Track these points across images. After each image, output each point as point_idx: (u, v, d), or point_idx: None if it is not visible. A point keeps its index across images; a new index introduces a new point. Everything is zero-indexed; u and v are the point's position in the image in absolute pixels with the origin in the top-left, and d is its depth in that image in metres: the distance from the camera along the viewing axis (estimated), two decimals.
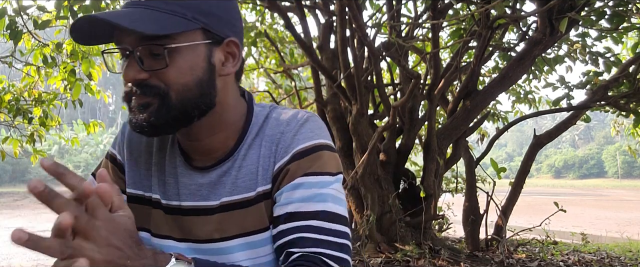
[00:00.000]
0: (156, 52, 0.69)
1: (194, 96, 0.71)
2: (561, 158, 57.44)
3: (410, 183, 4.17)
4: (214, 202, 0.78)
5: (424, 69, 4.84)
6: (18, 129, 4.52)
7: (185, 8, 0.70)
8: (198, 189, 0.79)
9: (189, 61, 0.71)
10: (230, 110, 0.79)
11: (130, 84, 0.71)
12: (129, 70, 0.70)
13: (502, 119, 5.30)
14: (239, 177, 0.78)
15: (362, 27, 3.54)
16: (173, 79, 0.70)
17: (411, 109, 3.96)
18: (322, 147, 0.77)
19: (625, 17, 3.45)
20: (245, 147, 0.79)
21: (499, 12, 3.20)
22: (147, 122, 0.70)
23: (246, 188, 0.77)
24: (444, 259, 3.45)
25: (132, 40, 0.69)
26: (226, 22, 0.75)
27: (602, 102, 4.00)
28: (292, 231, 0.72)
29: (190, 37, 0.71)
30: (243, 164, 0.78)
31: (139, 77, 0.70)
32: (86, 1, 3.13)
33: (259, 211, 0.77)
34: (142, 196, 0.83)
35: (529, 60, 3.74)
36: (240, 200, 0.77)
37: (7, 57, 4.03)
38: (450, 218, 4.69)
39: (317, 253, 0.70)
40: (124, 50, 0.71)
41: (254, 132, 0.80)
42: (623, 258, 4.44)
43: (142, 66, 0.69)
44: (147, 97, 0.70)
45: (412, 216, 3.91)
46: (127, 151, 0.86)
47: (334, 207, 0.73)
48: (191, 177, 0.80)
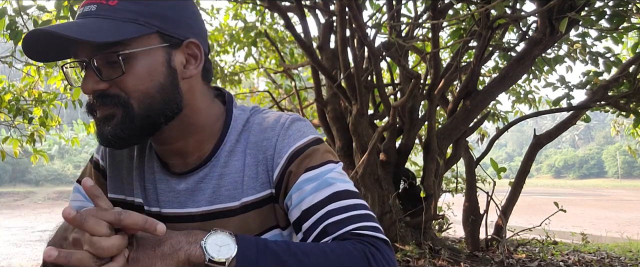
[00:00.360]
0: (113, 60, 0.67)
1: (157, 102, 0.70)
2: (561, 158, 57.44)
3: (410, 183, 4.17)
4: (194, 209, 0.76)
5: (424, 69, 4.84)
6: (18, 129, 4.52)
7: (137, 14, 0.68)
8: (176, 195, 0.77)
9: (146, 67, 0.69)
10: (201, 113, 0.76)
11: (91, 96, 0.69)
12: (87, 82, 0.68)
13: (502, 119, 5.30)
14: (221, 186, 0.76)
15: (362, 27, 3.54)
16: (132, 86, 0.68)
17: (411, 109, 3.96)
18: (316, 141, 0.77)
19: (625, 17, 3.45)
20: (224, 153, 0.77)
21: (499, 12, 3.20)
22: (113, 134, 0.69)
23: (229, 197, 0.75)
24: (444, 259, 3.45)
25: (87, 51, 0.68)
26: (182, 23, 0.73)
27: (602, 102, 4.00)
28: (315, 225, 0.70)
29: (146, 42, 0.69)
30: (225, 172, 0.76)
31: (98, 88, 0.68)
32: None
33: (242, 221, 0.75)
34: (123, 200, 0.82)
35: (529, 60, 3.74)
36: (222, 209, 0.75)
37: (7, 57, 4.04)
38: (450, 218, 4.69)
39: (345, 232, 0.68)
40: (82, 62, 0.69)
41: (234, 137, 0.78)
42: (623, 258, 4.44)
43: (100, 76, 0.68)
44: (109, 108, 0.69)
45: (412, 216, 3.91)
46: (109, 156, 0.85)
47: (343, 185, 0.72)
48: (168, 184, 0.78)
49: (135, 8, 0.68)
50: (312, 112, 5.72)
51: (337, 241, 0.67)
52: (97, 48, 0.67)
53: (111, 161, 0.85)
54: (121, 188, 0.83)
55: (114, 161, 0.85)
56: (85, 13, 0.68)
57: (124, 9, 0.68)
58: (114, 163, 0.85)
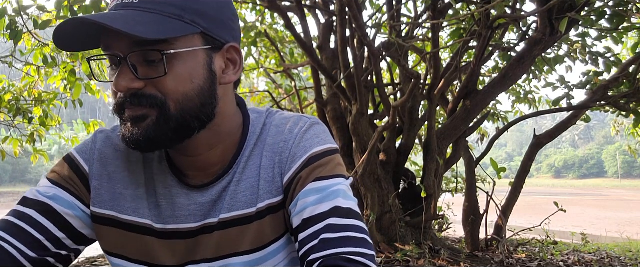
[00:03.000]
0: (152, 59, 0.63)
1: (195, 106, 0.66)
2: (561, 158, 57.43)
3: (410, 183, 4.17)
4: (214, 219, 0.72)
5: (424, 69, 4.84)
6: (18, 129, 4.52)
7: (183, 10, 0.64)
8: (198, 209, 0.73)
9: (188, 68, 0.65)
10: (228, 121, 0.73)
11: (123, 95, 0.64)
12: (121, 79, 0.62)
13: (502, 119, 5.30)
14: (238, 192, 0.73)
15: (362, 27, 3.54)
16: (172, 88, 0.63)
17: (411, 109, 3.96)
18: (332, 152, 0.74)
19: (625, 17, 3.45)
20: (244, 159, 0.74)
21: (499, 12, 3.20)
22: (144, 136, 0.64)
23: (246, 203, 0.72)
24: (444, 259, 3.45)
25: (124, 46, 0.62)
26: (226, 26, 0.70)
27: (602, 102, 4.00)
28: (312, 237, 0.67)
29: (189, 42, 0.65)
30: (242, 178, 0.73)
31: (134, 87, 0.63)
32: (86, 1, 3.13)
33: (260, 227, 0.72)
34: (115, 217, 0.73)
35: (529, 60, 3.74)
36: (239, 217, 0.72)
37: (7, 57, 4.04)
38: (450, 218, 4.69)
39: (339, 254, 0.64)
40: (115, 56, 0.64)
41: (253, 142, 0.75)
42: (623, 258, 4.44)
43: (136, 74, 0.63)
44: (143, 109, 0.64)
45: (412, 216, 3.91)
46: (99, 164, 0.75)
47: (346, 202, 0.69)
48: (190, 197, 0.73)
49: (181, 4, 0.64)
50: (312, 112, 5.72)
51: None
52: (136, 44, 0.62)
53: (101, 171, 0.75)
54: (113, 204, 0.74)
55: (105, 172, 0.75)
56: (126, 4, 0.63)
57: (168, 4, 0.63)
58: (105, 174, 0.75)
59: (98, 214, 0.74)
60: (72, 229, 0.72)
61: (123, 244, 0.74)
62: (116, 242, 0.74)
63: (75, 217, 0.72)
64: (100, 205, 0.74)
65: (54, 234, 0.70)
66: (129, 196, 0.74)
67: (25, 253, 0.67)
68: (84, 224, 0.73)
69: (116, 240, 0.73)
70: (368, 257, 0.65)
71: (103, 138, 0.78)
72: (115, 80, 0.63)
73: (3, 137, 4.47)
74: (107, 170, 0.75)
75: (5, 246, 0.66)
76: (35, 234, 0.68)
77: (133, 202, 0.74)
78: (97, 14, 0.62)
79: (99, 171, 0.75)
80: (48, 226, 0.69)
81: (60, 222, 0.70)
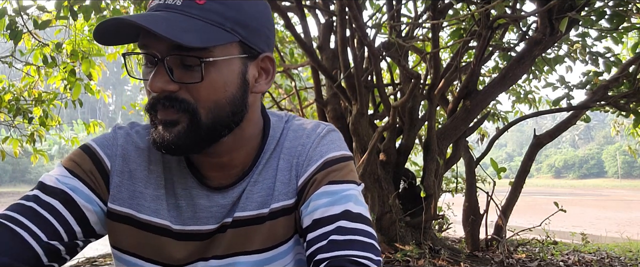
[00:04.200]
0: (189, 64, 0.63)
1: (226, 115, 0.66)
2: (561, 158, 57.44)
3: (410, 183, 4.17)
4: (229, 219, 0.74)
5: (424, 69, 4.84)
6: (18, 128, 4.52)
7: (225, 19, 0.64)
8: (219, 210, 0.74)
9: (223, 76, 0.65)
10: (252, 126, 0.74)
11: (156, 95, 0.64)
12: (156, 80, 0.63)
13: (502, 119, 5.31)
14: (253, 192, 0.74)
15: (362, 27, 3.54)
16: (205, 95, 0.64)
17: (411, 109, 3.96)
18: (347, 158, 0.76)
19: (625, 17, 3.45)
20: (263, 162, 0.76)
21: (499, 12, 3.20)
22: (175, 142, 0.64)
23: (260, 204, 0.74)
24: (444, 259, 3.45)
25: (162, 48, 0.63)
26: (262, 36, 0.69)
27: (602, 102, 4.00)
28: (321, 237, 0.68)
29: (227, 50, 0.65)
30: (259, 179, 0.75)
31: (168, 89, 0.63)
32: (86, 1, 3.13)
33: (271, 228, 0.73)
34: (132, 216, 0.73)
35: (529, 60, 3.74)
36: (252, 216, 0.73)
37: (7, 57, 4.04)
38: (450, 218, 4.69)
39: (346, 256, 0.65)
40: (152, 56, 0.64)
41: (272, 146, 0.76)
42: (623, 258, 4.44)
43: (172, 77, 0.63)
44: (175, 113, 0.64)
45: (412, 216, 3.91)
46: (121, 161, 0.75)
47: (356, 207, 0.70)
48: (210, 199, 0.74)
49: (222, 11, 0.64)
50: (312, 112, 5.72)
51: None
52: (175, 47, 0.62)
53: (123, 168, 0.74)
54: (132, 203, 0.74)
55: (126, 169, 0.75)
56: (168, 5, 0.63)
57: (211, 10, 0.63)
58: (126, 172, 0.74)
59: (115, 211, 0.73)
60: (87, 223, 0.71)
61: (137, 243, 0.73)
62: (130, 240, 0.74)
63: (92, 211, 0.71)
64: (119, 202, 0.73)
65: (71, 225, 0.69)
66: (148, 195, 0.74)
67: (39, 238, 0.66)
68: (97, 219, 0.73)
69: (130, 238, 0.73)
70: (375, 262, 0.66)
71: (124, 135, 0.77)
72: (150, 80, 0.63)
73: (3, 137, 4.47)
74: (129, 167, 0.74)
75: (17, 229, 0.65)
76: (54, 223, 0.68)
77: (152, 202, 0.74)
78: (140, 14, 0.62)
79: (121, 168, 0.74)
80: (67, 217, 0.69)
81: (79, 215, 0.70)
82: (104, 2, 3.57)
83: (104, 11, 3.60)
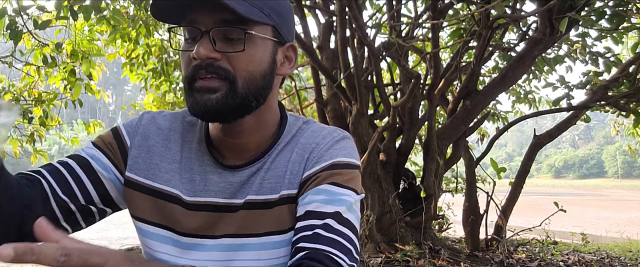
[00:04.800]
0: (231, 37, 0.72)
1: (257, 86, 0.74)
2: (561, 158, 57.45)
3: (410, 183, 4.17)
4: (239, 200, 0.79)
5: (424, 69, 4.84)
6: (18, 128, 4.52)
7: (263, 3, 0.73)
8: (227, 187, 0.80)
9: (259, 52, 0.74)
10: (270, 112, 0.81)
11: (199, 62, 0.71)
12: (202, 47, 0.70)
13: (502, 119, 5.30)
14: (265, 179, 0.80)
15: (362, 27, 3.54)
16: (243, 65, 0.72)
17: (411, 109, 3.96)
18: (355, 166, 0.80)
19: (625, 17, 3.45)
20: (276, 151, 0.81)
21: (499, 12, 3.20)
22: (213, 108, 0.72)
23: (271, 190, 0.79)
24: (444, 259, 3.45)
25: (209, 22, 0.71)
26: (289, 27, 0.79)
27: (602, 102, 4.00)
28: (307, 227, 0.73)
29: (264, 30, 0.74)
30: (271, 167, 0.80)
31: (212, 56, 0.71)
32: (86, 1, 3.13)
33: (279, 213, 0.78)
34: (148, 185, 0.81)
35: (529, 60, 3.74)
36: (263, 200, 0.79)
37: (7, 57, 4.04)
38: (450, 218, 4.69)
39: (327, 251, 0.70)
40: (197, 30, 0.72)
41: (286, 140, 0.82)
42: (623, 258, 4.44)
43: (215, 47, 0.71)
44: (215, 81, 0.71)
45: (412, 216, 3.91)
46: (141, 138, 0.83)
47: (348, 213, 0.75)
48: (221, 175, 0.80)
49: (266, 2, 0.73)
50: (312, 112, 5.72)
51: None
52: (221, 21, 0.70)
53: (142, 143, 0.83)
54: (147, 173, 0.81)
55: (145, 144, 0.83)
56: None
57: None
58: (144, 146, 0.83)
59: (132, 180, 0.81)
60: (103, 187, 0.79)
61: (151, 210, 0.80)
62: (145, 207, 0.80)
63: (108, 179, 0.79)
64: (136, 172, 0.81)
65: (86, 186, 0.77)
66: (163, 167, 0.81)
67: (57, 193, 0.74)
68: (113, 187, 0.81)
69: (145, 206, 0.80)
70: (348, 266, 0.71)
71: (149, 118, 0.86)
72: (196, 49, 0.70)
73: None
74: (148, 143, 0.83)
75: (43, 181, 0.74)
76: (69, 180, 0.76)
77: (166, 173, 0.81)
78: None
79: (139, 143, 0.83)
80: (82, 177, 0.77)
81: (94, 178, 0.78)
82: (104, 2, 3.57)
83: (104, 11, 3.60)
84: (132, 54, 5.08)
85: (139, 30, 4.44)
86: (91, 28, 4.53)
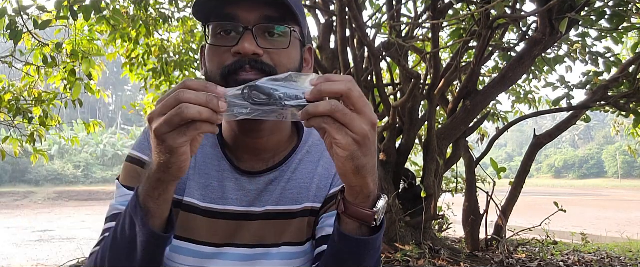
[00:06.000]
0: (273, 33, 0.73)
1: None
2: (561, 158, 57.42)
3: (410, 183, 4.17)
4: (258, 208, 0.79)
5: (424, 69, 4.84)
6: (18, 128, 4.51)
7: (296, 5, 0.74)
8: (245, 195, 0.80)
9: (295, 50, 0.76)
10: None
11: (242, 57, 0.72)
12: (247, 43, 0.71)
13: (502, 119, 5.30)
14: (287, 189, 0.80)
15: (362, 27, 3.54)
16: (285, 61, 0.74)
17: (411, 109, 3.96)
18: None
19: (625, 17, 3.45)
20: (296, 161, 0.82)
21: (499, 12, 3.19)
22: None
23: (292, 200, 0.80)
24: (444, 259, 3.45)
25: (253, 18, 0.72)
26: (308, 30, 0.83)
27: (602, 102, 3.99)
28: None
29: (296, 30, 0.76)
30: (293, 177, 0.81)
31: (257, 52, 0.72)
32: (86, 1, 3.13)
33: (300, 224, 0.79)
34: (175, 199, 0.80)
35: (529, 60, 3.74)
36: (284, 211, 0.79)
37: (7, 57, 4.03)
38: (450, 218, 4.68)
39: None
40: (238, 26, 0.73)
41: (305, 148, 0.83)
42: (623, 258, 4.44)
43: (258, 43, 0.72)
44: (257, 75, 0.72)
45: (412, 216, 3.91)
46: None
47: None
48: (238, 182, 0.81)
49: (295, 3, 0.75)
50: None
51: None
52: (264, 17, 0.72)
53: None
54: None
55: None
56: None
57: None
58: None
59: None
60: None
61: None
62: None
63: None
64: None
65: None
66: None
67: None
68: None
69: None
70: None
71: None
72: (240, 44, 0.72)
73: (3, 137, 4.46)
74: None
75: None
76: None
77: (183, 183, 0.81)
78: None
79: None
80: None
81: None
82: (104, 2, 3.57)
83: (104, 11, 3.59)
84: (132, 54, 5.08)
85: (139, 30, 4.44)
86: (91, 28, 4.53)
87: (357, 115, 0.56)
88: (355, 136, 0.56)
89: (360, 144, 0.57)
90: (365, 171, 0.59)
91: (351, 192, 0.63)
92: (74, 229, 10.60)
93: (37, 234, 9.90)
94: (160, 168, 0.60)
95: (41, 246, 8.38)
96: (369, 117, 0.57)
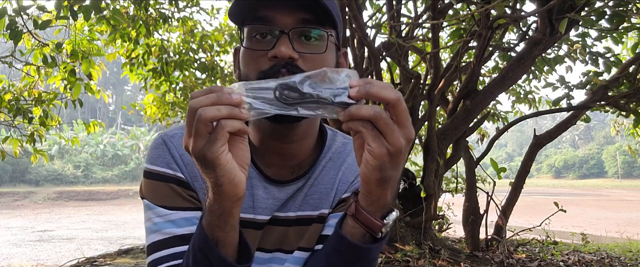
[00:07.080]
0: (309, 37, 0.71)
1: None
2: (561, 158, 57.40)
3: (410, 183, 4.16)
4: (282, 214, 0.80)
5: (424, 69, 4.84)
6: (18, 128, 4.52)
7: (333, 7, 0.72)
8: (275, 202, 0.80)
9: (331, 55, 0.75)
10: (317, 120, 0.81)
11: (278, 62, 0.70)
12: (284, 47, 0.69)
13: (502, 119, 5.30)
14: (308, 195, 0.80)
15: (362, 27, 3.54)
16: (320, 65, 0.70)
17: (411, 109, 3.96)
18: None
19: (625, 17, 3.45)
20: (319, 167, 0.82)
21: (499, 12, 3.19)
22: None
23: (312, 206, 0.80)
24: (444, 259, 3.45)
25: (289, 22, 0.70)
26: (343, 35, 0.80)
27: (602, 102, 3.99)
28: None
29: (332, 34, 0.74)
30: (315, 183, 0.81)
31: (293, 56, 0.70)
32: (86, 1, 3.13)
33: (314, 230, 0.80)
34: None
35: (529, 60, 3.73)
36: (303, 217, 0.80)
37: (7, 57, 4.03)
38: (450, 218, 4.69)
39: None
40: (273, 29, 0.71)
41: (329, 154, 0.83)
42: (623, 258, 4.44)
43: (294, 47, 0.70)
44: None
45: (412, 216, 3.91)
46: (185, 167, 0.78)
47: None
48: (267, 191, 0.80)
49: (333, 4, 0.73)
50: None
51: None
52: (300, 20, 0.70)
53: (192, 170, 0.78)
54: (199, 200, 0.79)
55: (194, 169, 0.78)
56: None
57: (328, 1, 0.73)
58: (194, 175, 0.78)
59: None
60: None
61: None
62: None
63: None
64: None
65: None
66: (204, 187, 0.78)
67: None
68: None
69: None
70: None
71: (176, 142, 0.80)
72: (277, 48, 0.70)
73: (3, 137, 4.46)
74: (194, 170, 0.78)
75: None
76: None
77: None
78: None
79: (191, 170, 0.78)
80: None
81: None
82: (104, 2, 3.57)
83: (104, 11, 3.59)
84: (132, 54, 5.08)
85: (139, 30, 4.44)
86: (91, 28, 4.53)
87: (397, 127, 0.56)
88: (390, 147, 0.56)
89: (393, 156, 0.56)
90: (389, 183, 0.59)
91: (367, 198, 0.63)
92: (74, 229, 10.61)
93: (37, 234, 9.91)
94: (214, 190, 0.59)
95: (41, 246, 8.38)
96: (408, 132, 0.57)
